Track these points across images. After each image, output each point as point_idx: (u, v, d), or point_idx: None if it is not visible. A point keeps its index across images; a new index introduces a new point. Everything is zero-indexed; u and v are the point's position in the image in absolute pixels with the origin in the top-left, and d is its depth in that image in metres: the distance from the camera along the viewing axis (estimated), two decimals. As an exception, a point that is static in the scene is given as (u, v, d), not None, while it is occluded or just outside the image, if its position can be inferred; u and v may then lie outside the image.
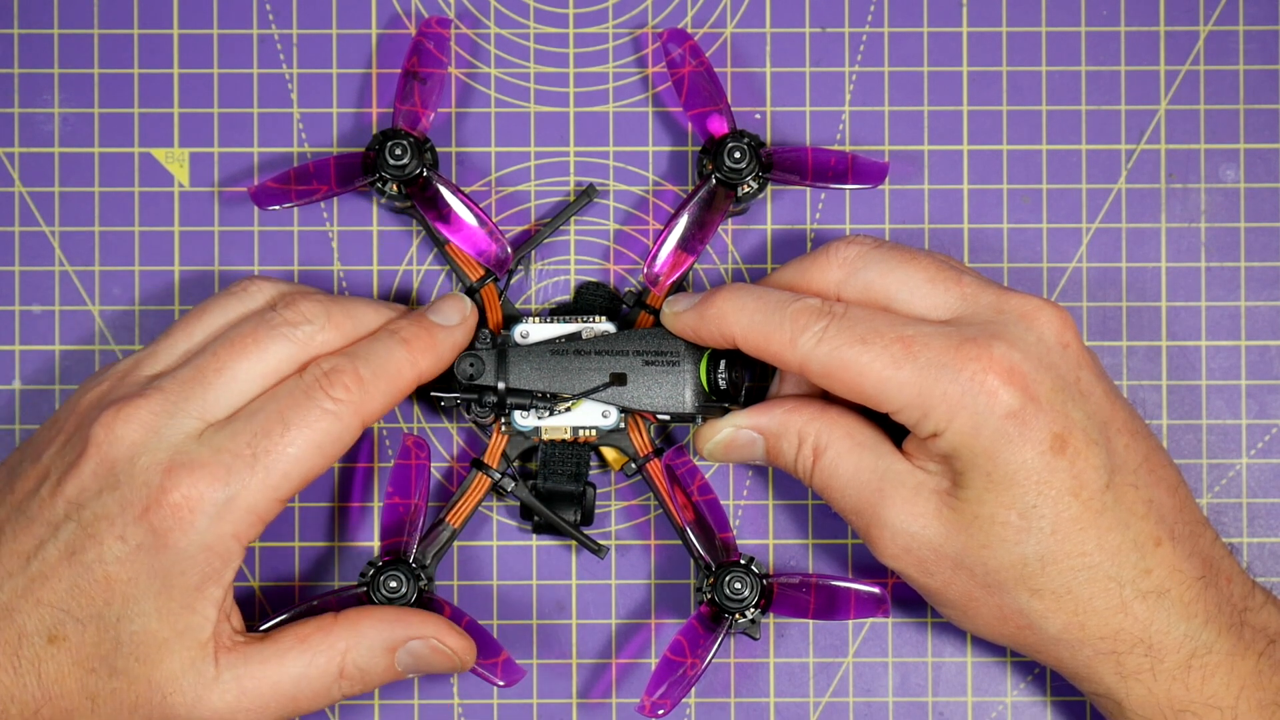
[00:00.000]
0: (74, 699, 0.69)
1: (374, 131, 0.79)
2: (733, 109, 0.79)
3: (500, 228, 0.78)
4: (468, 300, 0.75)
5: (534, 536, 0.79)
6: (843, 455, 0.73)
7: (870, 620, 0.79)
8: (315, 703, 0.71)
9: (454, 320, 0.74)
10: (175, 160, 0.79)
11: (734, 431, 0.75)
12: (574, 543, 0.79)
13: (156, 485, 0.69)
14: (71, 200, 0.79)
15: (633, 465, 0.77)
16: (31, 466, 0.71)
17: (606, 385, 0.76)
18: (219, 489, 0.69)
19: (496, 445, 0.77)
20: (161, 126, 0.79)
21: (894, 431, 0.74)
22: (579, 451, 0.77)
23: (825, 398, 0.76)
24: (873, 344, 0.71)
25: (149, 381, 0.71)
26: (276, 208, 0.77)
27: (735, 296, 0.73)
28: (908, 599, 0.79)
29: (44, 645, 0.69)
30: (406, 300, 0.79)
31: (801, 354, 0.71)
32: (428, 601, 0.76)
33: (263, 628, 0.75)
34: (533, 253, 0.79)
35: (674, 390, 0.76)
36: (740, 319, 0.72)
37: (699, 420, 0.76)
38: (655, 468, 0.77)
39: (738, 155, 0.77)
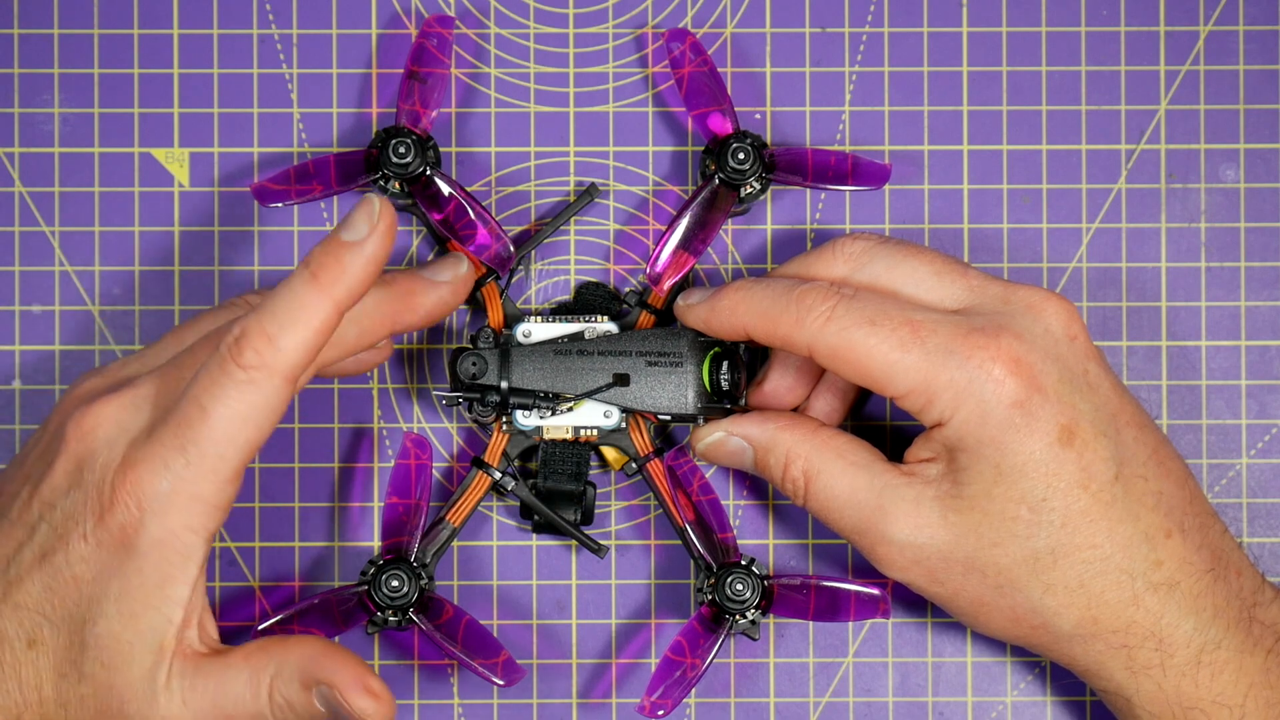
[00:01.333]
0: (49, 706, 0.68)
1: (374, 131, 0.79)
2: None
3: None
4: (377, 202, 0.68)
5: (534, 536, 0.79)
6: (837, 477, 0.73)
7: (870, 621, 0.79)
8: None
9: (361, 233, 0.67)
10: (175, 160, 0.79)
11: (724, 436, 0.75)
12: (574, 542, 0.79)
13: (111, 483, 0.67)
14: (71, 200, 0.79)
15: (633, 465, 0.78)
16: (17, 471, 0.71)
17: (609, 385, 0.76)
18: (158, 483, 0.67)
19: (497, 444, 0.77)
20: (161, 126, 0.79)
21: (885, 450, 0.74)
22: (579, 451, 0.77)
23: (824, 385, 0.76)
24: (881, 326, 0.71)
25: (127, 381, 0.70)
26: (279, 205, 0.77)
27: (745, 287, 0.73)
28: (908, 599, 0.79)
29: (24, 650, 0.68)
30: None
31: (809, 334, 0.71)
32: (428, 600, 0.76)
33: (260, 627, 0.75)
34: (533, 252, 0.79)
35: (677, 391, 0.76)
36: (750, 307, 0.73)
37: (700, 421, 0.76)
38: (656, 468, 0.77)
39: (741, 156, 0.77)
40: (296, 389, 0.67)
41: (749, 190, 0.77)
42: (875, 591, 0.76)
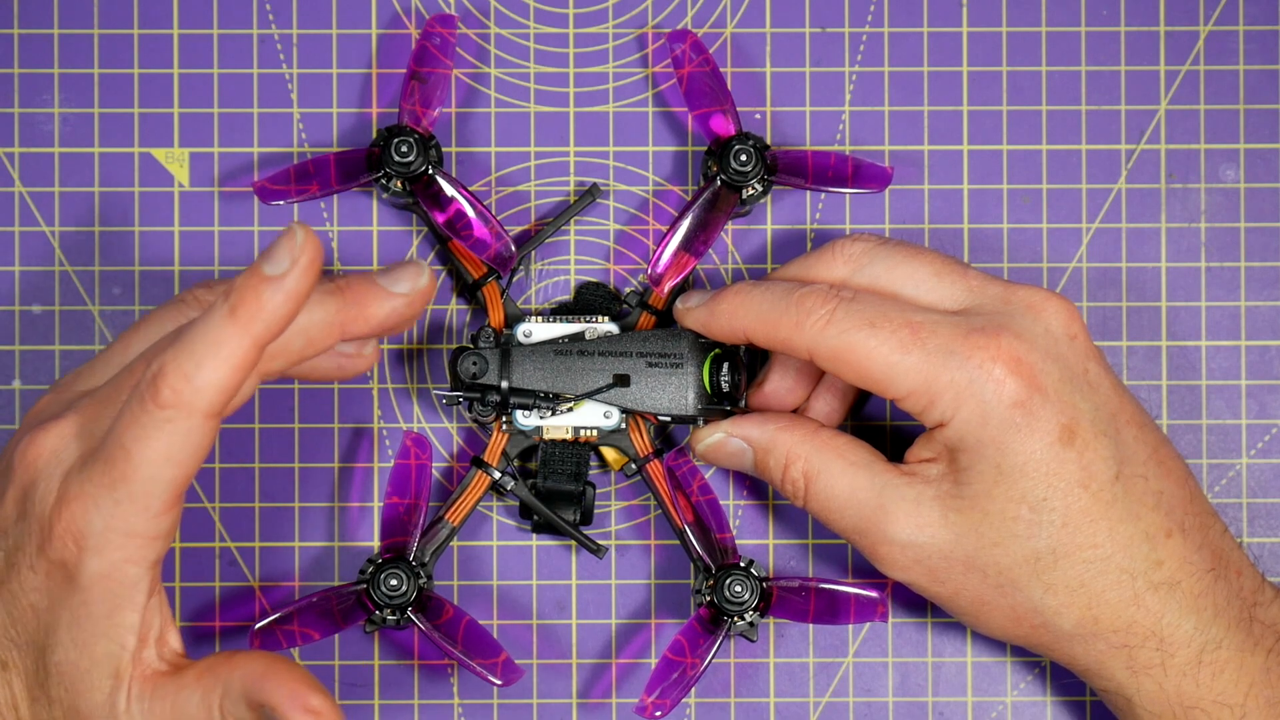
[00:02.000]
0: None
1: (374, 131, 0.79)
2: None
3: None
4: (299, 232, 0.64)
5: (534, 536, 0.79)
6: (837, 477, 0.73)
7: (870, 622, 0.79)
8: None
9: (281, 267, 0.63)
10: (175, 160, 0.79)
11: (724, 437, 0.75)
12: (574, 542, 0.79)
13: (48, 517, 0.66)
14: (71, 200, 0.79)
15: (633, 466, 0.77)
16: None
17: (610, 386, 0.76)
18: (92, 520, 0.65)
19: (497, 444, 0.77)
20: (161, 126, 0.79)
21: (885, 450, 0.74)
22: (579, 451, 0.77)
23: (824, 386, 0.77)
24: (881, 328, 0.71)
25: (74, 401, 0.68)
26: (280, 203, 0.77)
27: (745, 290, 0.73)
28: (908, 600, 0.79)
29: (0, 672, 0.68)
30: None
31: (809, 338, 0.71)
32: (427, 600, 0.76)
33: (257, 625, 0.75)
34: (533, 252, 0.79)
35: (677, 392, 0.76)
36: (750, 310, 0.73)
37: (700, 422, 0.76)
38: (655, 469, 0.77)
39: (744, 158, 0.77)
40: (220, 420, 0.65)
41: (751, 192, 0.77)
42: (874, 594, 0.76)
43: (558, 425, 0.77)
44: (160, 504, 0.65)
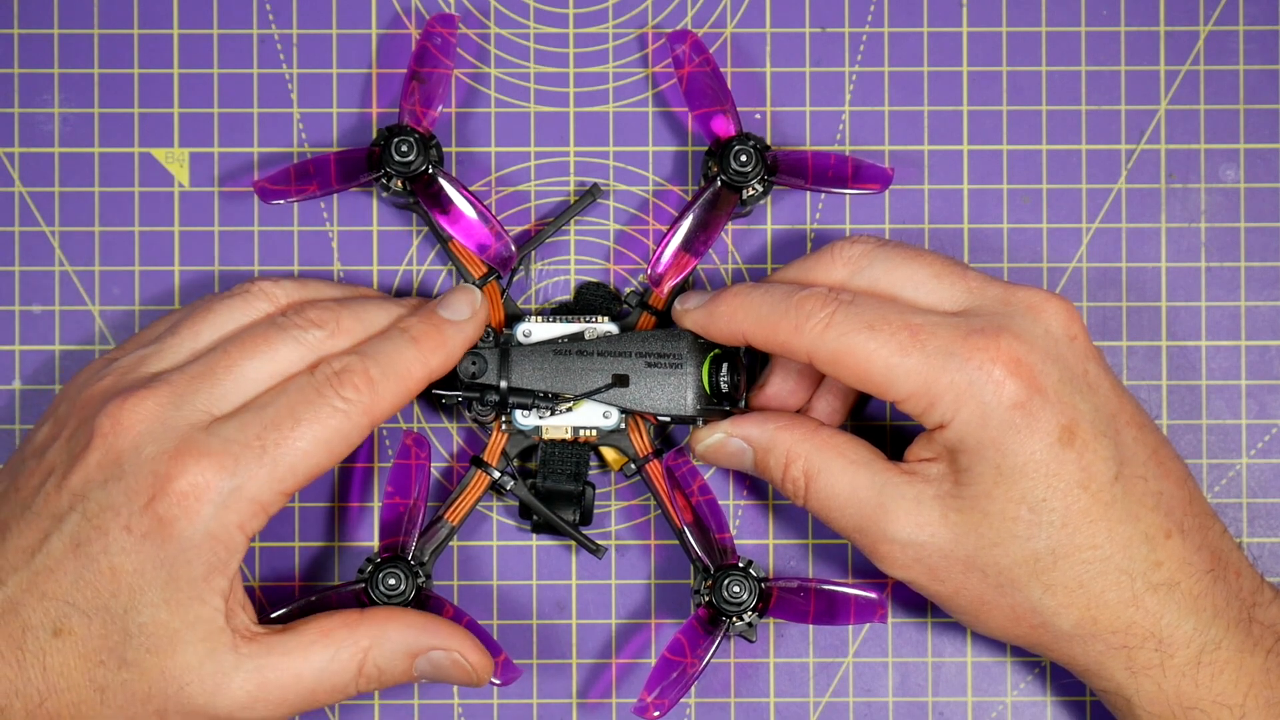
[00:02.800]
0: (81, 691, 0.69)
1: (374, 131, 0.79)
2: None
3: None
4: (477, 293, 0.75)
5: (534, 536, 0.79)
6: (837, 475, 0.73)
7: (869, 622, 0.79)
8: (332, 697, 0.71)
9: (464, 315, 0.74)
10: (175, 160, 0.79)
11: (724, 438, 0.75)
12: (573, 542, 0.79)
13: (163, 473, 0.69)
14: (71, 200, 0.79)
15: (632, 466, 0.78)
16: (36, 463, 0.71)
17: (609, 386, 0.76)
18: (225, 478, 0.69)
19: (496, 443, 0.77)
20: (161, 126, 0.79)
21: (885, 450, 0.74)
22: (579, 451, 0.77)
23: (825, 386, 0.76)
24: (880, 331, 0.71)
25: (154, 377, 0.71)
26: (280, 202, 0.77)
27: (743, 292, 0.73)
28: (908, 600, 0.79)
29: (49, 639, 0.69)
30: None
31: (809, 341, 0.71)
32: (426, 599, 0.76)
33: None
34: (533, 252, 0.79)
35: (676, 392, 0.76)
36: (749, 313, 0.73)
37: (700, 422, 0.76)
38: (655, 469, 0.77)
39: (744, 159, 0.77)
40: (369, 433, 0.71)
41: (751, 192, 0.77)
42: (873, 595, 0.76)
43: (557, 425, 0.77)
44: (295, 483, 0.70)
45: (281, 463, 0.69)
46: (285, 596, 0.79)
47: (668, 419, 0.77)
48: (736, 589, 0.75)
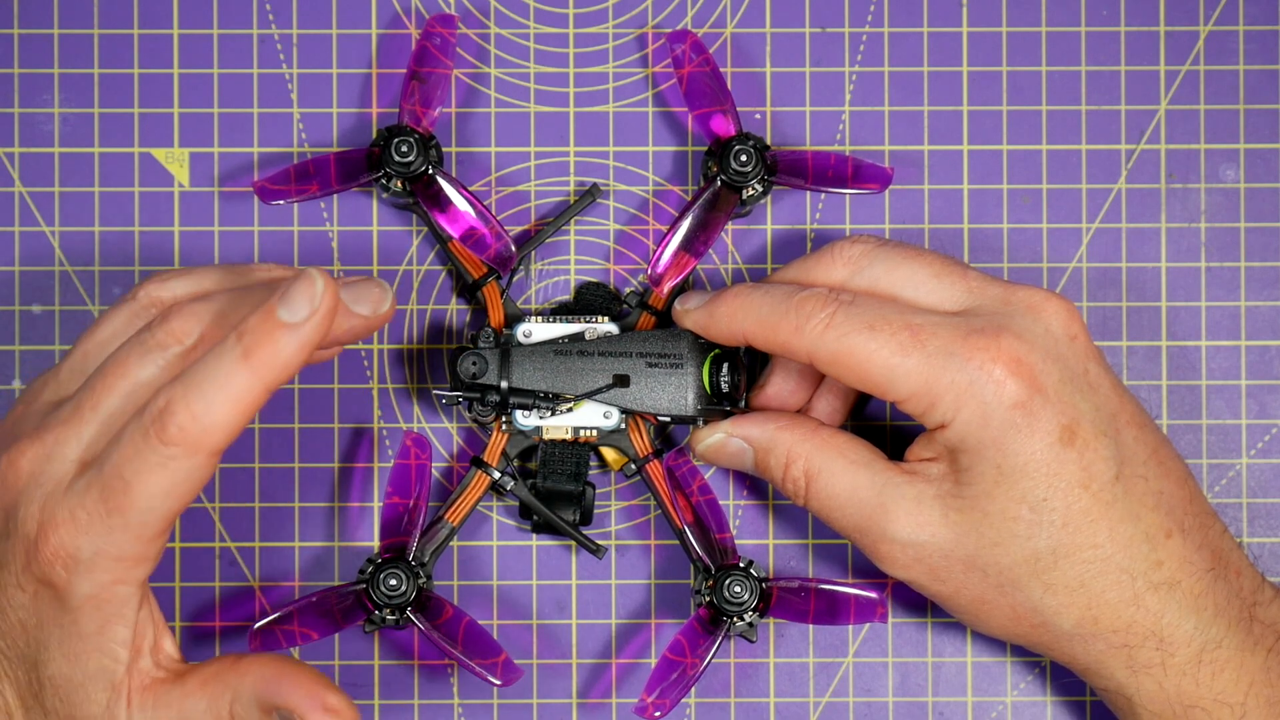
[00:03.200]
0: None
1: (374, 131, 0.79)
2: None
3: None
4: (319, 281, 0.65)
5: (534, 536, 0.79)
6: (838, 475, 0.73)
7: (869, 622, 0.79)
8: None
9: (301, 315, 0.64)
10: (175, 160, 0.79)
11: (724, 438, 0.75)
12: (573, 543, 0.79)
13: (32, 537, 0.66)
14: (71, 200, 0.79)
15: (632, 466, 0.77)
16: None
17: (609, 386, 0.76)
18: (86, 541, 0.65)
19: (496, 444, 0.77)
20: (161, 126, 0.79)
21: (885, 450, 0.74)
22: (579, 451, 0.77)
23: (825, 386, 0.76)
24: (880, 331, 0.71)
25: (49, 411, 0.68)
26: (280, 202, 0.77)
27: (744, 292, 0.73)
28: (908, 600, 0.79)
29: None
30: (406, 299, 0.79)
31: (809, 341, 0.71)
32: (426, 599, 0.76)
33: (256, 625, 0.75)
34: (533, 252, 0.79)
35: (677, 392, 0.76)
36: (749, 313, 0.73)
37: (700, 422, 0.76)
38: (655, 469, 0.77)
39: (744, 159, 0.77)
40: (220, 456, 0.66)
41: (751, 192, 0.77)
42: (874, 595, 0.76)
43: (557, 425, 0.77)
44: (154, 532, 0.65)
45: (130, 523, 0.65)
46: (285, 597, 0.79)
47: (668, 419, 0.77)
48: (737, 589, 0.75)
